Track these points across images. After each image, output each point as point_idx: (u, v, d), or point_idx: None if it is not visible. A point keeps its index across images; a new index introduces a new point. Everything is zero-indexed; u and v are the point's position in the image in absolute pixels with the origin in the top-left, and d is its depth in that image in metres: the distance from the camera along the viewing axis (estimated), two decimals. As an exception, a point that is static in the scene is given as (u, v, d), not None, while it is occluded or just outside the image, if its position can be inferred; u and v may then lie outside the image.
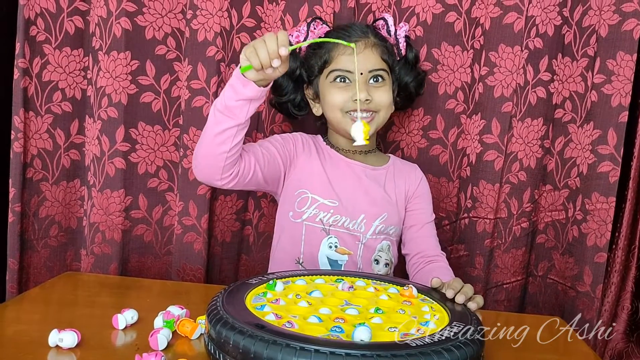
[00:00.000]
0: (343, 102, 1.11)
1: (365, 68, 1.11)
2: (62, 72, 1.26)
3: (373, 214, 1.14)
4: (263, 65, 0.90)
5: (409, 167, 1.25)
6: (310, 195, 1.13)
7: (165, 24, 1.26)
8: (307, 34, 1.14)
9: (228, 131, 0.98)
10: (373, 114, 1.13)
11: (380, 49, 1.14)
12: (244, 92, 0.95)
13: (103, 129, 1.26)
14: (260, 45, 0.89)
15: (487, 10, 1.27)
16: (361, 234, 1.13)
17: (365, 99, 1.09)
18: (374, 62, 1.12)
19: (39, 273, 1.31)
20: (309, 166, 1.15)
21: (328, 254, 1.13)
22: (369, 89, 1.11)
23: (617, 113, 1.26)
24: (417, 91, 1.24)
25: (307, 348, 0.63)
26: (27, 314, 0.90)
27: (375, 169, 1.19)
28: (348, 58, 1.10)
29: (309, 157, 1.15)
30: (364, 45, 1.12)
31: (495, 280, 1.37)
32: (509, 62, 1.28)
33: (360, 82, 1.09)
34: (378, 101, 1.12)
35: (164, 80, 1.28)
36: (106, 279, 1.21)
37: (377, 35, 1.15)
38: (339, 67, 1.12)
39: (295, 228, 1.13)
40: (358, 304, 0.81)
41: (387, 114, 1.16)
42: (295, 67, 1.15)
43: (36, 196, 1.28)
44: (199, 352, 0.79)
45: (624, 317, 1.36)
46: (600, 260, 1.29)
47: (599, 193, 1.28)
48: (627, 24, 1.24)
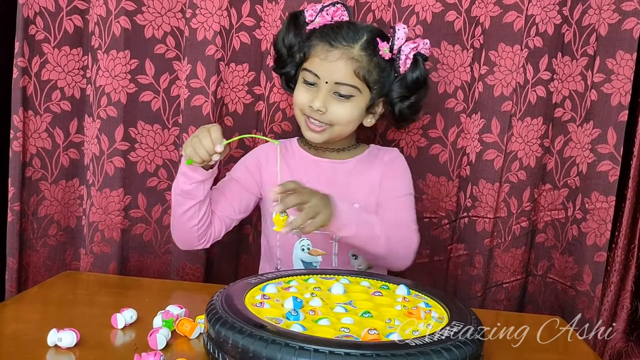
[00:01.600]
0: (302, 104, 1.09)
1: (331, 78, 1.06)
2: (61, 71, 1.26)
3: None
4: (204, 161, 0.98)
5: (385, 151, 1.20)
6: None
7: (165, 22, 1.26)
8: (316, 16, 1.10)
9: (191, 209, 1.05)
10: (326, 125, 1.09)
11: (357, 63, 1.06)
12: (195, 177, 1.03)
13: (102, 128, 1.26)
14: (197, 145, 0.96)
15: (487, 9, 1.27)
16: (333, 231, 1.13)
17: (317, 108, 1.06)
18: (343, 74, 1.05)
19: (38, 272, 1.31)
20: (274, 175, 1.14)
21: (302, 256, 1.13)
22: (329, 100, 1.07)
23: (616, 112, 1.26)
24: (406, 116, 1.14)
25: (306, 347, 0.63)
26: (26, 313, 0.90)
27: (345, 162, 1.16)
28: (320, 63, 1.06)
29: (274, 167, 1.14)
30: (339, 54, 1.05)
31: (495, 280, 1.36)
32: (508, 61, 1.28)
33: (322, 90, 1.06)
34: (332, 116, 1.07)
35: (164, 79, 1.28)
36: (105, 278, 1.21)
37: (366, 47, 1.07)
38: (310, 69, 1.08)
39: (272, 236, 1.15)
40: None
41: (344, 129, 1.11)
42: (293, 44, 1.11)
43: (35, 195, 1.28)
44: (198, 352, 0.79)
45: (624, 317, 1.36)
46: (600, 260, 1.29)
47: (598, 192, 1.28)
48: (626, 23, 1.24)
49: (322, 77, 1.06)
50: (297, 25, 1.12)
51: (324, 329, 0.72)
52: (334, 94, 1.07)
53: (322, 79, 1.06)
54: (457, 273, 1.38)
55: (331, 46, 1.06)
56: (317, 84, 1.08)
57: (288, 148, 1.20)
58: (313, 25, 1.10)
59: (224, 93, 1.29)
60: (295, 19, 1.12)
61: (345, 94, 1.07)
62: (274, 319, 0.73)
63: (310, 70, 1.08)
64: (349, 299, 0.83)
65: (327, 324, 0.73)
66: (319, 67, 1.07)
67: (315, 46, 1.08)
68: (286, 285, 0.88)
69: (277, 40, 1.15)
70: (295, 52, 1.12)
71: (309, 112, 1.08)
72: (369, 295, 0.86)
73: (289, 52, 1.12)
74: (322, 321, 0.73)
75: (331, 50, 1.06)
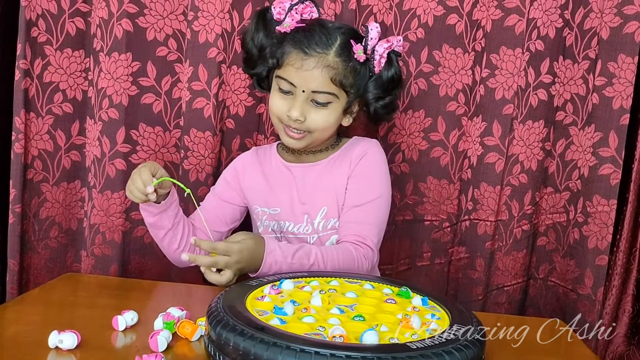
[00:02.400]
0: (280, 113, 1.09)
1: (308, 87, 1.05)
2: (63, 73, 1.26)
3: (314, 212, 1.13)
4: (144, 201, 1.03)
5: (359, 145, 1.15)
6: (259, 208, 1.17)
7: (167, 25, 1.26)
8: (286, 16, 1.07)
9: (166, 237, 1.10)
10: (305, 132, 1.09)
11: (333, 71, 1.04)
12: (152, 211, 1.07)
13: (104, 130, 1.26)
14: (131, 188, 1.02)
15: (489, 12, 1.27)
16: (308, 235, 1.13)
17: (296, 118, 1.06)
18: (320, 83, 1.05)
19: (39, 274, 1.31)
20: (252, 183, 1.19)
21: None
22: (307, 108, 1.06)
23: (618, 115, 1.26)
24: (381, 116, 1.14)
25: (307, 350, 0.63)
26: (27, 315, 0.90)
27: (315, 164, 1.16)
28: (295, 72, 1.05)
29: (252, 175, 1.19)
30: (314, 62, 1.04)
31: (496, 283, 1.36)
32: (510, 65, 1.28)
33: (299, 99, 1.06)
34: (311, 123, 1.07)
35: (165, 81, 1.28)
36: (106, 280, 1.20)
37: (341, 52, 1.05)
38: (285, 77, 1.06)
39: None
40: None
41: (323, 134, 1.11)
42: (265, 45, 1.09)
43: (37, 197, 1.28)
44: (199, 354, 0.79)
45: (625, 320, 1.35)
46: (602, 263, 1.29)
47: (600, 195, 1.28)
48: (628, 27, 1.24)
49: (298, 86, 1.06)
50: (266, 23, 1.09)
51: (301, 325, 0.72)
52: (311, 102, 1.07)
53: (298, 87, 1.06)
54: (458, 276, 1.38)
55: (305, 54, 1.04)
56: (293, 92, 1.07)
57: (267, 154, 1.21)
58: (284, 29, 1.07)
59: (225, 95, 1.29)
60: (263, 17, 1.10)
61: (323, 102, 1.07)
62: (260, 311, 0.75)
63: (285, 78, 1.07)
64: (354, 302, 0.83)
65: (309, 322, 0.73)
66: (295, 76, 1.05)
67: (289, 54, 1.06)
68: (305, 283, 0.89)
69: (246, 40, 1.12)
70: (266, 54, 1.09)
71: (286, 120, 1.08)
72: (378, 301, 0.85)
73: (259, 53, 1.10)
74: (306, 318, 0.74)
75: (306, 58, 1.04)
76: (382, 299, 0.86)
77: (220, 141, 1.30)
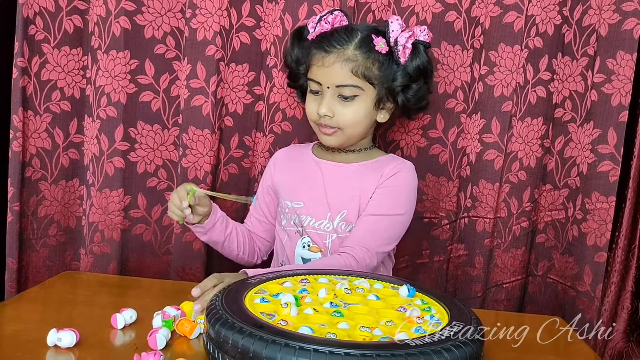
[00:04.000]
0: (311, 113, 1.13)
1: (332, 82, 1.09)
2: (61, 71, 1.26)
3: (335, 211, 1.15)
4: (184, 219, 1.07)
5: (394, 162, 1.17)
6: (283, 201, 1.19)
7: (165, 23, 1.26)
8: (315, 27, 1.13)
9: (224, 247, 1.18)
10: (336, 128, 1.12)
11: (352, 63, 1.07)
12: (201, 230, 1.14)
13: (102, 128, 1.26)
14: (170, 206, 1.07)
15: (487, 9, 1.27)
16: (327, 232, 1.15)
17: (324, 114, 1.09)
18: (341, 76, 1.08)
19: (37, 272, 1.31)
20: (282, 177, 1.22)
21: (302, 253, 1.16)
22: (334, 104, 1.10)
23: (617, 112, 1.26)
24: (411, 105, 1.15)
25: (306, 347, 0.63)
26: (26, 313, 0.90)
27: (348, 166, 1.17)
28: (318, 70, 1.10)
29: (281, 170, 1.23)
30: (334, 58, 1.08)
31: (495, 280, 1.36)
32: (508, 62, 1.28)
33: (326, 95, 1.10)
34: (340, 119, 1.10)
35: (163, 79, 1.28)
36: (105, 278, 1.20)
37: (361, 45, 1.08)
38: (312, 77, 1.12)
39: (280, 235, 1.21)
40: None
41: (356, 130, 1.13)
42: (300, 57, 1.16)
43: (35, 195, 1.28)
44: (198, 352, 0.79)
45: (624, 317, 1.35)
46: (600, 260, 1.29)
47: (599, 192, 1.28)
48: (627, 23, 1.24)
49: (323, 83, 1.10)
50: (301, 38, 1.16)
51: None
52: (338, 97, 1.10)
53: (323, 85, 1.10)
54: (457, 273, 1.38)
55: (326, 52, 1.09)
56: (320, 91, 1.11)
57: (300, 151, 1.25)
58: (311, 36, 1.13)
59: (224, 93, 1.29)
60: (299, 34, 1.16)
61: (349, 95, 1.10)
62: (268, 314, 0.74)
63: (312, 79, 1.12)
64: (336, 298, 0.83)
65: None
66: (318, 74, 1.10)
67: (313, 55, 1.11)
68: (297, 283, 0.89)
69: (286, 57, 1.20)
70: (301, 65, 1.16)
71: (317, 119, 1.12)
72: (362, 298, 0.85)
73: (297, 66, 1.16)
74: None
75: (326, 55, 1.09)
76: (365, 295, 0.85)
77: (218, 139, 1.30)
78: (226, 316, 0.71)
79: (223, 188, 1.32)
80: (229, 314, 0.71)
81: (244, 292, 0.81)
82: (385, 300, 0.84)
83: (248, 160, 1.34)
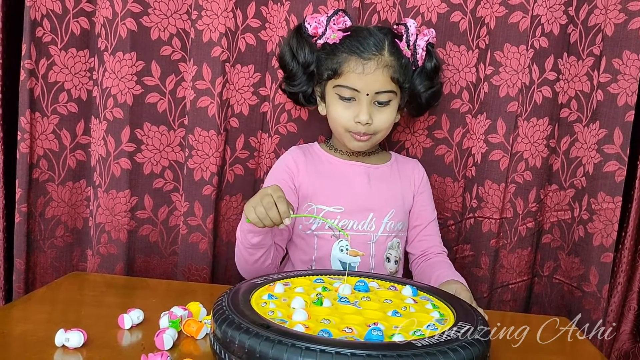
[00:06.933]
0: (346, 121, 1.12)
1: (372, 89, 1.09)
2: (68, 73, 1.27)
3: (381, 211, 1.15)
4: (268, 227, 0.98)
5: (411, 163, 1.26)
6: (315, 206, 1.15)
7: (171, 24, 1.27)
8: (326, 28, 1.13)
9: (264, 254, 1.07)
10: (371, 134, 1.13)
11: (391, 69, 1.09)
12: (259, 231, 1.02)
13: (109, 130, 1.27)
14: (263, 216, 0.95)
15: (492, 9, 1.27)
16: (371, 233, 1.15)
17: (366, 122, 1.09)
18: (382, 83, 1.09)
19: (45, 273, 1.31)
20: (308, 180, 1.17)
21: (340, 257, 1.14)
22: (372, 110, 1.10)
23: (623, 112, 1.26)
24: (430, 102, 1.23)
25: (312, 348, 0.63)
26: (33, 313, 0.91)
27: (379, 167, 1.20)
28: (358, 77, 1.08)
29: (305, 173, 1.17)
30: (375, 65, 1.08)
31: (501, 281, 1.36)
32: (514, 62, 1.28)
33: (364, 102, 1.09)
34: (377, 124, 1.11)
35: (169, 80, 1.29)
36: (112, 279, 1.21)
37: (392, 51, 1.10)
38: (347, 85, 1.09)
39: (306, 240, 1.16)
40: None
41: (385, 134, 1.16)
42: (311, 61, 1.15)
43: (42, 197, 1.29)
44: (205, 352, 0.79)
45: (631, 317, 1.35)
46: (607, 260, 1.29)
47: (605, 193, 1.28)
48: (633, 23, 1.23)
49: (362, 90, 1.09)
50: (307, 39, 1.15)
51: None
52: (373, 104, 1.11)
53: (362, 92, 1.09)
54: (462, 274, 1.36)
55: (364, 59, 1.08)
56: (355, 98, 1.10)
57: (313, 152, 1.22)
58: (332, 40, 1.12)
59: (229, 94, 1.29)
60: (301, 35, 1.16)
61: (385, 101, 1.11)
62: (279, 320, 0.73)
63: (346, 86, 1.10)
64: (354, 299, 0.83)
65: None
66: (357, 81, 1.09)
67: (347, 61, 1.09)
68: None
69: (286, 60, 1.17)
70: (314, 70, 1.15)
71: (354, 128, 1.11)
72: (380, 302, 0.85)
73: (304, 70, 1.16)
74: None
75: (366, 62, 1.08)
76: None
77: (224, 140, 1.30)
78: (233, 317, 0.71)
79: (229, 189, 1.32)
80: (235, 314, 0.71)
81: (251, 293, 0.81)
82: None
83: (254, 161, 1.34)
